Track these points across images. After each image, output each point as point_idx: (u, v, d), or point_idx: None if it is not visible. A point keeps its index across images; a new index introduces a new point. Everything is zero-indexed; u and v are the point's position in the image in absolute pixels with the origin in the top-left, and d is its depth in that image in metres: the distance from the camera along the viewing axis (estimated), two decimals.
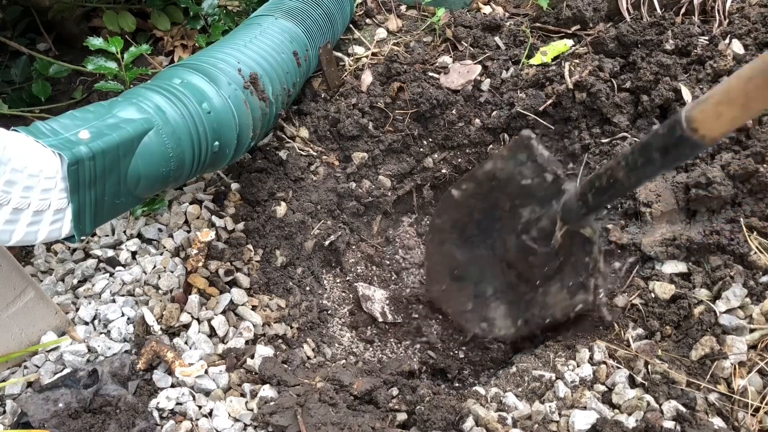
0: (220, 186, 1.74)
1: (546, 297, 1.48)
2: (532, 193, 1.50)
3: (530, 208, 1.51)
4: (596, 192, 1.24)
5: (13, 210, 0.95)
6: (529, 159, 1.48)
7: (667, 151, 1.04)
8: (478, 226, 1.65)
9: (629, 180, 1.15)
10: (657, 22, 1.75)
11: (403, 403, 1.29)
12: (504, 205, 1.57)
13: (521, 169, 1.50)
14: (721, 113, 0.94)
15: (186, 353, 1.35)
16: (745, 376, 1.21)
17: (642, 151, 1.09)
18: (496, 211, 1.59)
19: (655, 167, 1.10)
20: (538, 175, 1.47)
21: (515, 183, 1.51)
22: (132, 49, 1.65)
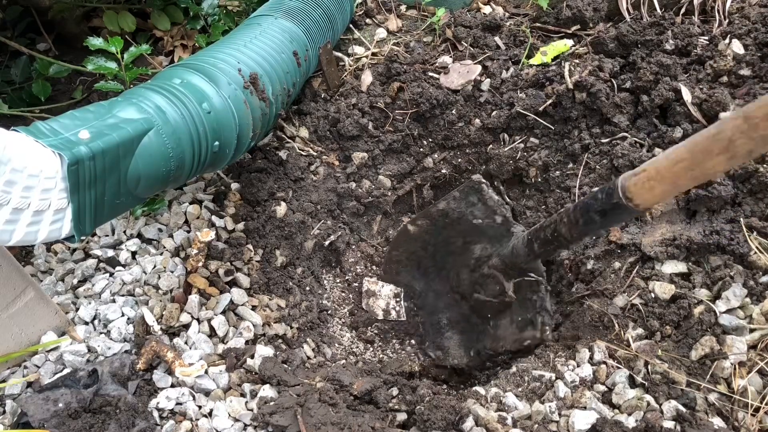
0: (220, 186, 1.74)
1: (497, 330, 1.59)
2: (483, 231, 1.64)
3: (481, 246, 1.65)
4: (541, 243, 1.36)
5: (13, 210, 0.95)
6: (479, 201, 1.63)
7: (605, 214, 1.14)
8: (432, 260, 1.78)
9: (571, 235, 1.25)
10: (657, 22, 1.75)
11: (403, 403, 1.29)
12: (456, 242, 1.71)
13: (472, 209, 1.64)
14: (652, 187, 1.03)
15: (186, 353, 1.35)
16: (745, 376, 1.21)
17: (583, 211, 1.20)
18: (450, 246, 1.73)
19: (595, 227, 1.21)
20: (488, 216, 1.61)
21: (467, 221, 1.66)
22: (132, 49, 1.65)
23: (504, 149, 1.85)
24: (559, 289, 1.66)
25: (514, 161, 1.83)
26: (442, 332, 1.74)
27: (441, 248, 1.74)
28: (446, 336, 1.73)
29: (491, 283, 1.56)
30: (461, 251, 1.70)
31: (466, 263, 1.67)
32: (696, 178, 0.98)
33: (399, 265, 1.81)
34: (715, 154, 0.91)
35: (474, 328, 1.67)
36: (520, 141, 1.84)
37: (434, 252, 1.76)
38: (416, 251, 1.78)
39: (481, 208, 1.63)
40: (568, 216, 1.24)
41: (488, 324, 1.62)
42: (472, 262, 1.66)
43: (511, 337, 1.54)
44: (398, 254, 1.80)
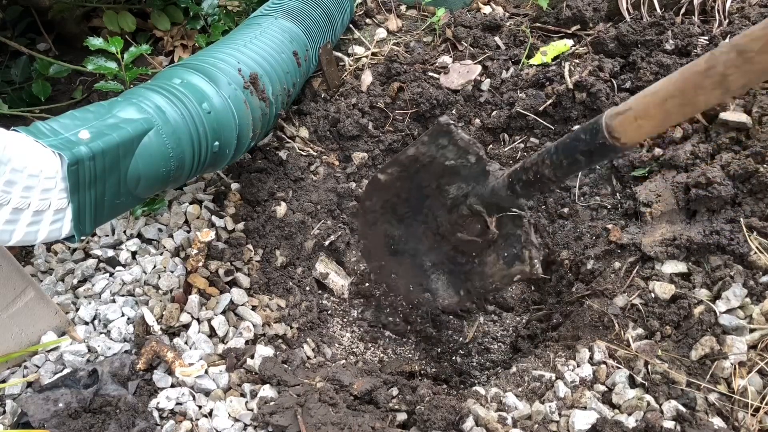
0: (220, 186, 1.74)
1: (484, 267, 1.55)
2: (456, 171, 1.57)
3: (456, 186, 1.58)
4: (524, 184, 1.32)
5: (13, 210, 0.95)
6: (450, 143, 1.54)
7: (591, 154, 1.12)
8: (408, 205, 1.69)
9: (555, 176, 1.23)
10: (657, 22, 1.75)
11: (403, 403, 1.29)
12: (431, 184, 1.62)
13: (443, 152, 1.55)
14: (641, 126, 1.01)
15: (186, 353, 1.35)
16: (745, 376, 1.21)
17: (566, 153, 1.17)
18: (424, 190, 1.65)
19: (580, 166, 1.18)
20: (461, 156, 1.53)
21: (439, 164, 1.57)
22: (132, 49, 1.65)
23: (504, 149, 1.85)
24: (559, 289, 1.66)
25: (514, 161, 1.83)
26: (428, 274, 1.69)
27: (415, 193, 1.68)
28: (432, 278, 1.68)
29: (472, 221, 1.53)
30: (436, 193, 1.63)
31: (442, 204, 1.63)
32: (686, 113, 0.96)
33: (374, 214, 1.73)
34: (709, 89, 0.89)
35: (460, 267, 1.63)
36: (520, 141, 1.84)
37: (408, 197, 1.69)
38: (390, 199, 1.70)
39: (452, 149, 1.55)
40: (551, 158, 1.21)
41: (474, 262, 1.59)
42: (448, 202, 1.61)
43: (499, 273, 1.51)
44: (371, 204, 1.73)
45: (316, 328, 1.66)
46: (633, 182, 1.62)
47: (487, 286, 1.54)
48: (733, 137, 1.51)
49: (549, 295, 1.71)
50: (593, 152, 1.11)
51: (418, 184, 1.65)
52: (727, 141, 1.52)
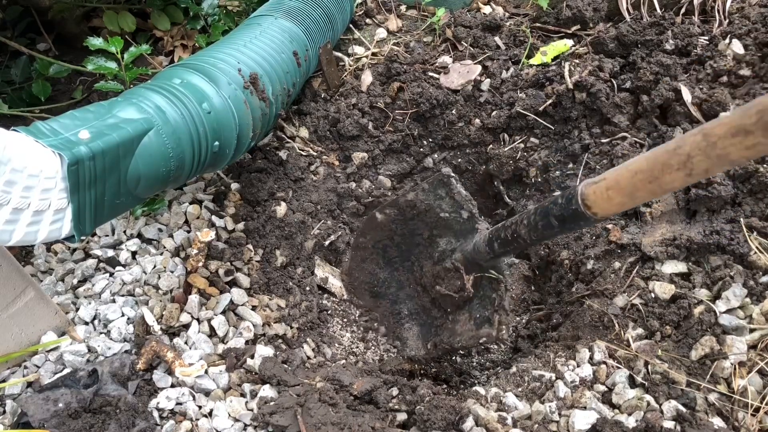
0: (220, 186, 1.74)
1: (455, 325, 1.59)
2: (449, 225, 1.65)
3: (446, 239, 1.67)
4: (501, 242, 1.36)
5: (13, 210, 0.95)
6: (447, 195, 1.63)
7: (564, 220, 1.14)
8: (398, 249, 1.80)
9: (530, 237, 1.26)
10: (657, 22, 1.75)
11: (403, 403, 1.29)
12: (423, 233, 1.72)
13: (440, 202, 1.64)
14: (611, 197, 1.02)
15: (186, 353, 1.35)
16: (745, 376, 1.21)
17: (542, 215, 1.20)
18: (416, 237, 1.74)
19: (553, 231, 1.20)
20: (455, 210, 1.61)
21: (434, 214, 1.66)
22: (132, 49, 1.65)
23: (504, 149, 1.85)
24: (559, 289, 1.66)
25: (514, 161, 1.83)
26: (402, 323, 1.76)
27: (407, 239, 1.75)
28: (406, 327, 1.75)
29: (453, 277, 1.57)
30: (427, 243, 1.71)
31: (430, 255, 1.69)
32: (653, 191, 0.96)
33: (365, 251, 1.81)
34: (674, 169, 0.90)
35: (433, 321, 1.68)
36: (520, 141, 1.84)
37: (400, 242, 1.77)
38: (382, 240, 1.79)
39: (449, 201, 1.62)
40: (529, 218, 1.24)
41: (447, 318, 1.63)
42: (436, 255, 1.67)
43: (467, 333, 1.54)
44: (365, 241, 1.81)
45: (316, 328, 1.66)
46: None
47: (453, 344, 1.57)
48: None
49: (549, 295, 1.71)
50: (566, 218, 1.13)
51: (412, 230, 1.73)
52: None
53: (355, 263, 1.83)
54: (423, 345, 1.68)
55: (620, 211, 1.13)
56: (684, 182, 0.91)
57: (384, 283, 1.82)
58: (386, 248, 1.80)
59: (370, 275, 1.83)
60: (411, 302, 1.76)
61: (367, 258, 1.82)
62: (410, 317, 1.76)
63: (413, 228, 1.72)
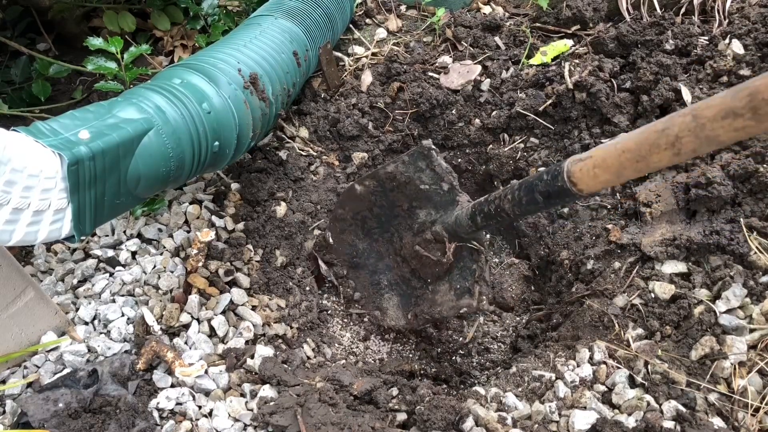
0: (220, 186, 1.74)
1: (435, 295, 1.61)
2: (429, 197, 1.62)
3: (426, 211, 1.64)
4: (484, 216, 1.36)
5: (13, 210, 0.95)
6: (428, 167, 1.60)
7: (549, 195, 1.15)
8: (377, 220, 1.76)
9: (513, 212, 1.26)
10: (657, 22, 1.75)
11: (403, 403, 1.29)
12: (402, 204, 1.68)
13: (420, 174, 1.62)
14: (597, 175, 1.04)
15: (186, 353, 1.35)
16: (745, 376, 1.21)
17: (527, 190, 1.20)
18: (395, 209, 1.70)
19: (537, 206, 1.21)
20: (435, 182, 1.60)
21: (414, 186, 1.63)
22: (132, 49, 1.65)
23: (504, 149, 1.85)
24: (559, 289, 1.66)
25: (514, 161, 1.83)
26: (382, 293, 1.76)
27: (387, 210, 1.73)
28: (385, 297, 1.75)
29: (433, 247, 1.58)
30: (406, 215, 1.69)
31: (410, 226, 1.68)
32: (640, 170, 0.97)
33: (344, 223, 1.79)
34: (662, 148, 0.91)
35: (413, 291, 1.69)
36: (520, 141, 1.84)
37: (379, 213, 1.75)
38: (361, 211, 1.76)
39: (429, 174, 1.60)
40: (513, 193, 1.24)
41: (427, 288, 1.64)
42: (416, 226, 1.66)
43: (448, 304, 1.56)
44: (343, 212, 1.78)
45: (316, 328, 1.66)
46: (633, 182, 1.62)
47: (433, 313, 1.59)
48: None
49: (549, 295, 1.71)
50: (551, 194, 1.14)
51: (392, 202, 1.70)
52: None
53: (335, 234, 1.80)
54: (403, 315, 1.69)
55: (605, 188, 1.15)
56: (670, 161, 0.93)
57: (363, 254, 1.80)
58: (365, 219, 1.77)
59: (348, 246, 1.80)
60: (391, 273, 1.76)
61: (345, 229, 1.80)
62: (390, 287, 1.75)
63: (393, 200, 1.70)
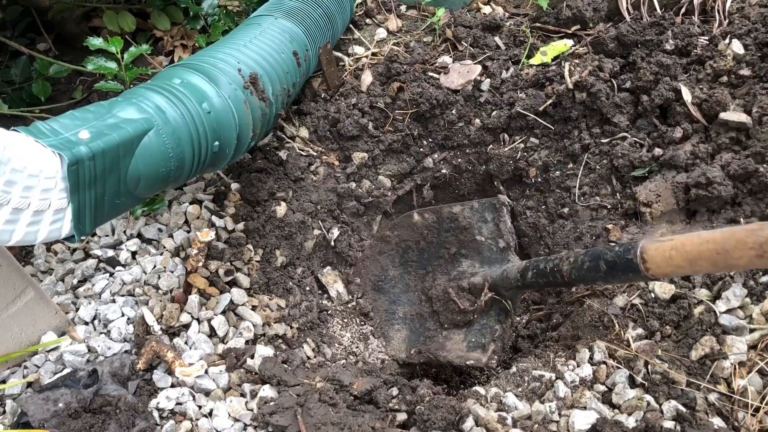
0: (220, 186, 1.74)
1: (447, 341, 1.61)
2: (479, 250, 1.65)
3: (470, 262, 1.67)
4: (536, 273, 1.35)
5: (13, 210, 0.95)
6: (492, 221, 1.63)
7: (614, 267, 1.14)
8: (419, 254, 1.80)
9: (570, 275, 1.24)
10: (657, 22, 1.75)
11: (403, 403, 1.29)
12: (451, 248, 1.73)
13: (482, 225, 1.65)
14: (671, 258, 1.03)
15: (186, 353, 1.35)
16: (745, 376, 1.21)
17: (593, 256, 1.19)
18: (441, 250, 1.75)
19: (597, 275, 1.19)
20: (493, 238, 1.62)
21: (470, 234, 1.66)
22: (132, 49, 1.65)
23: (504, 149, 1.85)
24: (559, 289, 1.66)
25: (514, 161, 1.83)
26: (393, 323, 1.77)
27: (433, 247, 1.77)
28: (395, 327, 1.76)
29: (464, 295, 1.60)
30: (450, 259, 1.72)
31: (447, 271, 1.72)
32: (716, 263, 0.98)
33: (386, 245, 1.83)
34: (747, 247, 0.92)
35: (425, 331, 1.70)
36: (520, 141, 1.84)
37: (425, 248, 1.78)
38: (408, 240, 1.81)
39: (491, 228, 1.63)
40: (576, 257, 1.23)
41: (440, 333, 1.65)
42: (454, 272, 1.69)
43: (456, 352, 1.56)
44: (391, 236, 1.82)
45: (316, 328, 1.66)
46: (633, 182, 1.62)
47: (438, 355, 1.59)
48: (733, 137, 1.51)
49: (549, 295, 1.71)
50: (617, 266, 1.13)
51: (441, 242, 1.74)
52: (727, 141, 1.52)
53: (372, 252, 1.84)
54: (406, 349, 1.70)
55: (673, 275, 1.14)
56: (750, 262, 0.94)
57: (391, 281, 1.83)
58: (408, 249, 1.81)
59: (381, 269, 1.84)
60: (410, 307, 1.77)
61: (385, 252, 1.84)
62: (403, 321, 1.77)
63: (443, 240, 1.74)
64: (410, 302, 1.77)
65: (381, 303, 1.82)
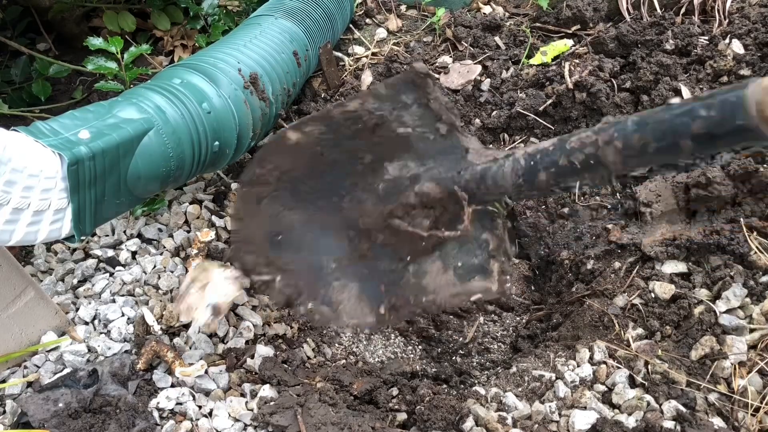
0: (220, 186, 1.74)
1: (421, 279, 1.16)
2: (408, 144, 1.16)
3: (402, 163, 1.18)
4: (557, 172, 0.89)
5: (13, 210, 0.95)
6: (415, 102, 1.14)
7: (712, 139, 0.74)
8: (317, 182, 1.25)
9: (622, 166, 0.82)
10: (657, 22, 1.75)
11: (403, 403, 1.29)
12: (364, 157, 1.20)
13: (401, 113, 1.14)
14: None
15: (186, 353, 1.35)
16: (745, 376, 1.21)
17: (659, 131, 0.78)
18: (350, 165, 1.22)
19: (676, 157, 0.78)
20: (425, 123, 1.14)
21: (388, 130, 1.16)
22: (132, 49, 1.65)
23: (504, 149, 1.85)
24: (559, 289, 1.66)
25: None
26: (329, 280, 1.24)
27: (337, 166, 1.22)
28: (335, 285, 1.24)
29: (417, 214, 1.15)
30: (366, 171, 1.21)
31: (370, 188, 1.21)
32: None
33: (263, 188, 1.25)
34: None
35: (381, 275, 1.21)
36: (520, 141, 1.84)
37: (325, 171, 1.24)
38: (292, 170, 1.24)
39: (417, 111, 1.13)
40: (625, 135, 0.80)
41: (406, 269, 1.18)
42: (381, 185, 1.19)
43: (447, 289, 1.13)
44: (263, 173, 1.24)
45: (316, 328, 1.66)
46: (633, 182, 1.62)
47: (423, 303, 1.15)
48: None
49: (549, 295, 1.71)
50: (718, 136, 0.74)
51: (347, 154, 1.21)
52: None
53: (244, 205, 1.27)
54: (371, 309, 1.21)
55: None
56: None
57: (294, 230, 1.27)
58: (297, 181, 1.25)
59: (269, 220, 1.26)
60: (341, 252, 1.25)
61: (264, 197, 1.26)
62: (343, 272, 1.24)
63: (348, 151, 1.21)
64: (339, 246, 1.25)
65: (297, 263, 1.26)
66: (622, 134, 0.81)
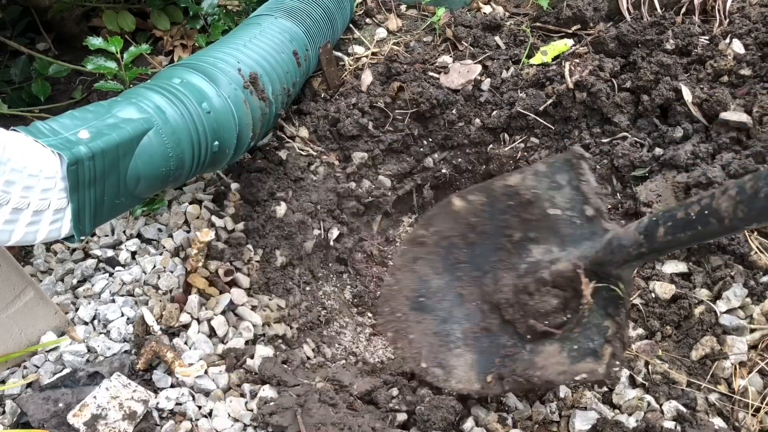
0: (220, 186, 1.74)
1: (535, 356, 1.18)
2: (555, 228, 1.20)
3: (545, 248, 1.21)
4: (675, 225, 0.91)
5: (12, 210, 0.95)
6: (569, 183, 1.17)
7: None
8: (470, 252, 1.33)
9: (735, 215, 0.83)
10: (657, 21, 1.75)
11: (403, 403, 1.29)
12: (513, 234, 1.27)
13: (554, 194, 1.18)
14: None
15: (186, 353, 1.35)
16: (746, 376, 1.21)
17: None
18: (500, 239, 1.29)
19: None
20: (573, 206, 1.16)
21: (539, 209, 1.20)
22: (132, 49, 1.65)
23: (504, 149, 1.85)
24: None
25: (515, 161, 1.83)
26: (450, 347, 1.32)
27: (488, 239, 1.30)
28: (455, 352, 1.31)
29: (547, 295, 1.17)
30: (514, 248, 1.26)
31: (513, 265, 1.26)
32: None
33: (422, 248, 1.35)
34: None
35: (499, 349, 1.25)
36: (520, 141, 1.83)
37: (475, 242, 1.31)
38: (452, 235, 1.33)
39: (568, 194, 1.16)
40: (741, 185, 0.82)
41: (523, 348, 1.21)
42: (523, 266, 1.23)
43: (554, 367, 1.13)
44: (425, 234, 1.35)
45: (316, 328, 1.66)
46: (633, 182, 1.62)
47: (530, 377, 1.14)
48: (734, 137, 1.51)
49: None
50: None
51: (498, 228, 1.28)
52: (727, 141, 1.52)
53: (403, 261, 1.37)
54: (478, 377, 1.25)
55: None
56: None
57: (436, 294, 1.36)
58: (452, 248, 1.34)
59: (418, 280, 1.36)
60: (469, 323, 1.31)
61: (420, 257, 1.36)
62: (464, 342, 1.30)
63: (500, 225, 1.27)
64: (468, 316, 1.32)
65: (427, 325, 1.35)
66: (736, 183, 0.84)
